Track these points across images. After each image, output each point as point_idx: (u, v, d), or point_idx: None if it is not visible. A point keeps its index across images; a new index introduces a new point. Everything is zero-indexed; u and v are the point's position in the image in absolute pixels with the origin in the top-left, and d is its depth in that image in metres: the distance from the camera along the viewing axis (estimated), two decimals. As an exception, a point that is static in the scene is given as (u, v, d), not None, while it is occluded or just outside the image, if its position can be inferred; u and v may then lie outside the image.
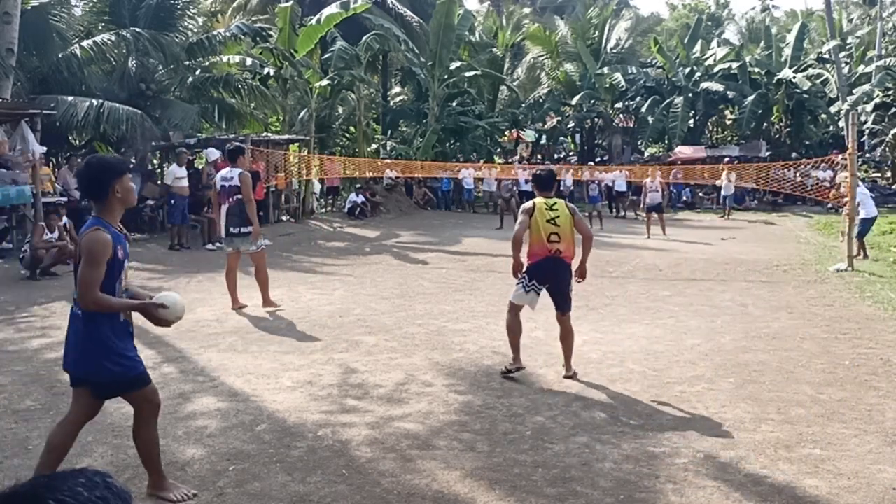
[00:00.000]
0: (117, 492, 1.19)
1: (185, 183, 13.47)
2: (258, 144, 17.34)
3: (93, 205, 3.57)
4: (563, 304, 5.80)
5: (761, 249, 14.34)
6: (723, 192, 22.95)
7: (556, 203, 5.79)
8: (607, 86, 29.96)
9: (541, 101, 31.79)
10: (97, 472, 1.21)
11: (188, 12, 18.57)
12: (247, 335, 7.04)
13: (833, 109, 28.57)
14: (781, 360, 6.17)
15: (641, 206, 18.60)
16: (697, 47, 32.61)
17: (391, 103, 30.06)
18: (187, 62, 17.72)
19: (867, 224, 12.74)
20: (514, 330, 5.82)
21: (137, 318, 3.63)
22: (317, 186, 22.25)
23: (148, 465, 3.67)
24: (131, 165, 16.31)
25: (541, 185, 5.94)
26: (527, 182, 23.86)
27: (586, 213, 21.55)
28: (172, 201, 13.35)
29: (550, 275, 5.74)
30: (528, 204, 5.86)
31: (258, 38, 19.12)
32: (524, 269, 5.80)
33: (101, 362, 3.40)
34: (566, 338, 5.81)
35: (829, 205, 19.85)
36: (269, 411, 4.92)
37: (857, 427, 4.65)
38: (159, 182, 16.67)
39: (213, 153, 14.91)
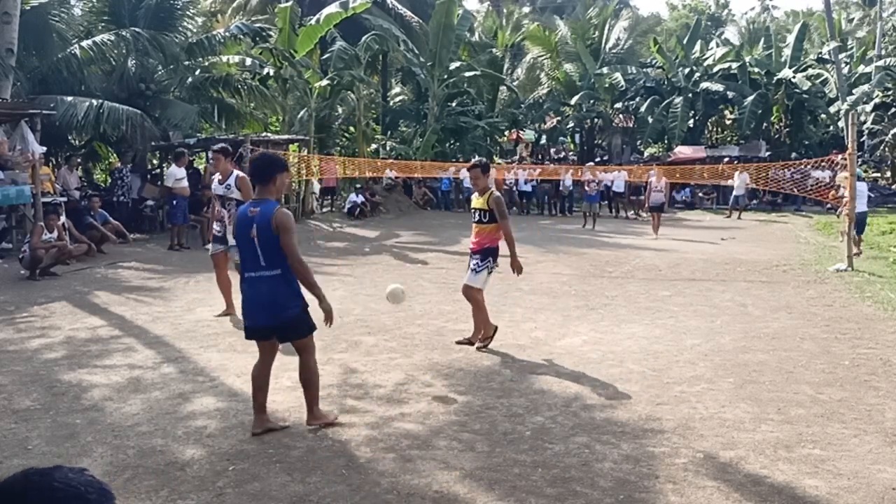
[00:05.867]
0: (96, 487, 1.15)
1: (186, 183, 13.46)
2: (258, 144, 17.34)
3: (258, 189, 4.42)
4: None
5: (761, 249, 14.33)
6: (734, 192, 22.90)
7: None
8: (607, 86, 29.95)
9: (541, 101, 31.78)
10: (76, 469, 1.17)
11: (188, 12, 18.58)
12: (247, 335, 7.02)
13: (833, 109, 28.55)
14: (781, 360, 6.17)
15: (645, 205, 18.73)
16: (697, 47, 32.60)
17: (391, 103, 30.05)
18: (187, 62, 17.72)
19: (861, 218, 12.82)
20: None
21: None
22: (316, 186, 22.25)
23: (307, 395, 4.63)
24: (130, 165, 16.32)
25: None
26: (526, 182, 23.94)
27: (582, 211, 21.49)
28: (174, 202, 13.31)
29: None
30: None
31: (258, 39, 19.13)
32: (494, 254, 6.61)
33: (297, 302, 4.41)
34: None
35: (829, 205, 19.85)
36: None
37: (857, 427, 4.65)
38: (160, 184, 16.68)
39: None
